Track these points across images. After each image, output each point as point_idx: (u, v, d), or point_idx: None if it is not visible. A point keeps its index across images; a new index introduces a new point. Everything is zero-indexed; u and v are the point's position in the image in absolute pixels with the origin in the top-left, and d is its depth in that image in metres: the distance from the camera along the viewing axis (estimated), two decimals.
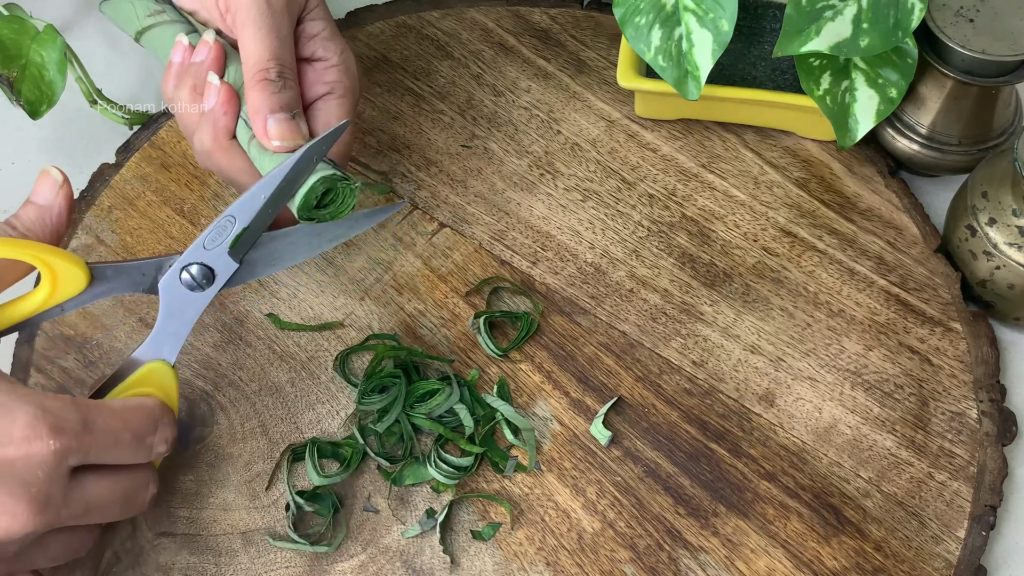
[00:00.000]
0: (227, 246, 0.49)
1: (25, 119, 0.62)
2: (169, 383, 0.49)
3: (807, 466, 0.54)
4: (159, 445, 0.47)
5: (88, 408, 0.44)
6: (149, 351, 0.49)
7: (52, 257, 0.46)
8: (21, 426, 0.41)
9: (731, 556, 0.51)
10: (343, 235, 0.53)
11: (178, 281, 0.49)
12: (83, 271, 0.47)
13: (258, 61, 0.51)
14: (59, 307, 0.47)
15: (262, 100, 0.50)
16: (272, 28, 0.51)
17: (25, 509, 0.41)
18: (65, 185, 0.48)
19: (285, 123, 0.50)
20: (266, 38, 0.51)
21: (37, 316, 0.47)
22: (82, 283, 0.47)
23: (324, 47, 0.55)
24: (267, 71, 0.51)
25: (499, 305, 0.59)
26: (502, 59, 0.69)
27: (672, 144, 0.65)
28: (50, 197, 0.48)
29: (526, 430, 0.54)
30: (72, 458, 0.42)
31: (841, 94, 0.58)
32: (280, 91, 0.51)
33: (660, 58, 0.57)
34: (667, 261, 0.60)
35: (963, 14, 0.57)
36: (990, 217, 0.56)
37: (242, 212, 0.49)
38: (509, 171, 0.64)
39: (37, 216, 0.48)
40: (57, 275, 0.46)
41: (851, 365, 0.57)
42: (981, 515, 0.52)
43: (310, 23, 0.54)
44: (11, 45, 0.60)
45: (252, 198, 0.49)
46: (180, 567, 0.51)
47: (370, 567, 0.51)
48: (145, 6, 0.58)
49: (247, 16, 0.51)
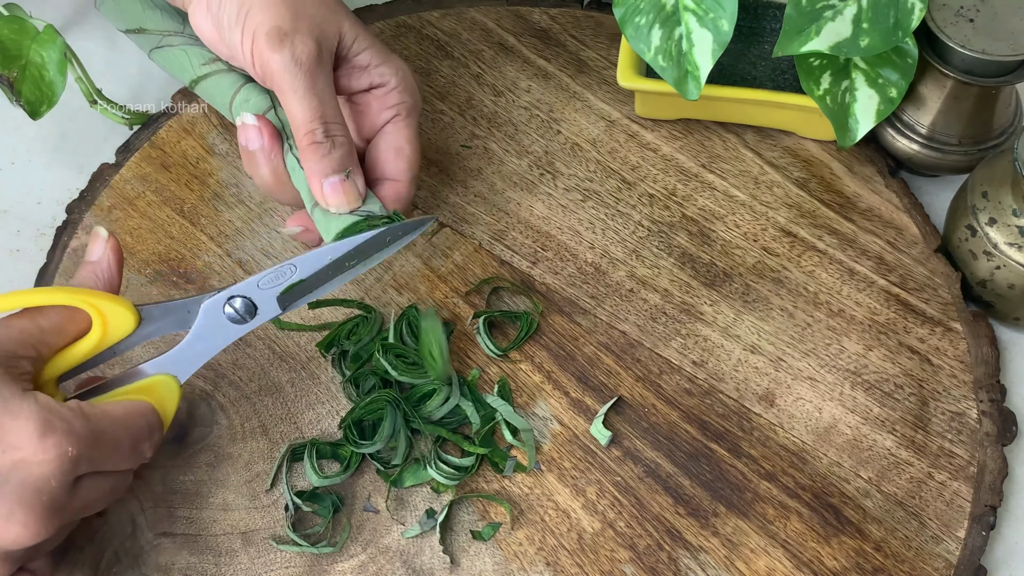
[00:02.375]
0: (279, 291, 0.50)
1: (25, 119, 0.62)
2: (171, 397, 0.49)
3: (807, 466, 0.54)
4: (148, 451, 0.47)
5: (92, 416, 0.44)
6: (162, 365, 0.49)
7: (100, 300, 0.47)
8: (33, 430, 0.41)
9: (731, 556, 0.51)
10: (372, 262, 0.53)
11: (221, 308, 0.50)
12: (131, 312, 0.48)
13: (302, 123, 0.52)
14: (111, 350, 0.48)
15: (314, 164, 0.52)
16: (308, 88, 0.52)
17: (37, 519, 0.41)
18: (112, 239, 0.50)
19: (340, 187, 0.52)
20: (304, 99, 0.52)
21: (91, 360, 0.48)
22: (131, 324, 0.48)
23: (380, 74, 0.55)
24: (314, 132, 0.52)
25: (499, 305, 0.59)
26: (502, 59, 0.69)
27: (672, 144, 0.65)
28: (99, 252, 0.50)
29: (524, 431, 0.54)
30: (83, 466, 0.43)
31: (841, 94, 0.58)
32: (330, 152, 0.52)
33: (660, 58, 0.57)
34: (667, 261, 0.60)
35: (963, 14, 0.57)
36: (990, 217, 0.56)
37: (305, 265, 0.50)
38: (509, 171, 0.64)
39: (90, 272, 0.49)
40: (107, 318, 0.47)
41: (851, 365, 0.57)
42: (981, 515, 0.52)
43: (356, 57, 0.55)
44: (11, 45, 0.60)
45: (319, 255, 0.51)
46: (180, 567, 0.51)
47: (370, 567, 0.51)
48: (200, 54, 0.58)
49: (282, 82, 0.52)
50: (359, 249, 0.51)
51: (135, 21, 0.60)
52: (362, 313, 0.57)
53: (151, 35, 0.60)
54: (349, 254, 0.51)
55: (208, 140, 0.65)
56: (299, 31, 0.52)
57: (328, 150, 0.52)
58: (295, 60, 0.51)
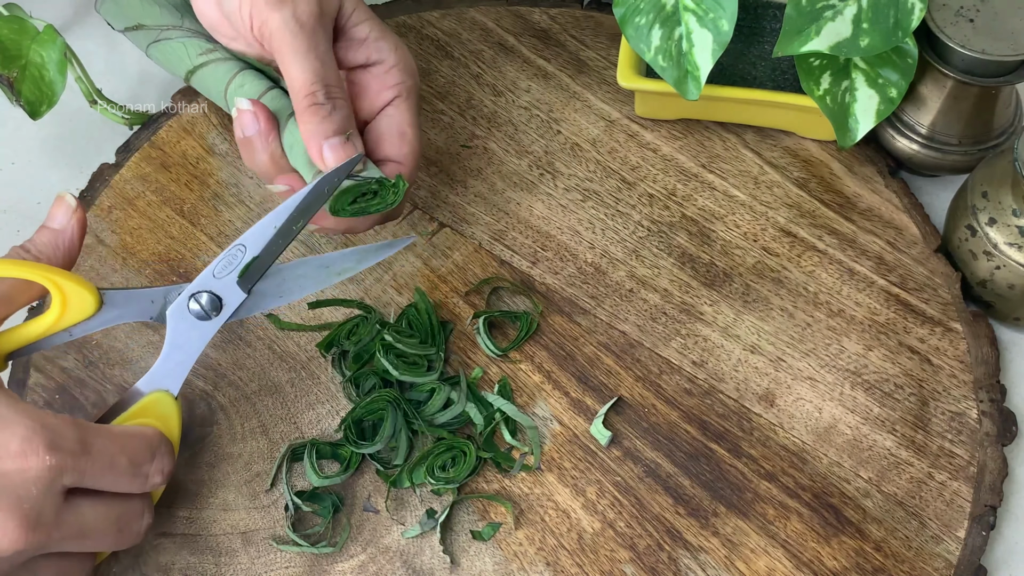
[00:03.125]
0: (236, 275, 0.49)
1: (25, 119, 0.62)
2: (171, 414, 0.48)
3: (807, 466, 0.54)
4: (155, 476, 0.46)
5: (86, 429, 0.43)
6: (152, 381, 0.48)
7: (63, 279, 0.46)
8: (18, 440, 0.41)
9: (731, 556, 0.51)
10: (351, 268, 0.53)
11: (186, 309, 0.49)
12: (93, 295, 0.47)
13: (303, 86, 0.50)
14: (67, 331, 0.47)
15: (315, 126, 0.50)
16: (310, 49, 0.50)
17: (16, 526, 0.40)
18: (79, 210, 0.48)
19: (340, 148, 0.51)
20: (304, 60, 0.50)
21: (44, 340, 0.47)
22: (91, 307, 0.47)
23: (377, 49, 0.54)
24: (314, 95, 0.50)
25: (499, 305, 0.59)
26: (502, 59, 0.69)
27: (672, 144, 0.65)
28: (64, 221, 0.48)
29: (530, 428, 0.54)
30: (67, 477, 0.42)
31: (841, 94, 0.58)
32: (331, 114, 0.50)
33: (660, 58, 0.57)
34: (667, 261, 0.60)
35: (963, 14, 0.57)
36: (990, 217, 0.56)
37: (253, 241, 0.49)
38: (509, 171, 0.64)
39: (50, 240, 0.48)
40: (67, 298, 0.46)
41: (851, 365, 0.57)
42: (981, 515, 0.52)
43: (354, 28, 0.53)
44: (11, 45, 0.60)
45: (263, 228, 0.49)
46: (180, 567, 0.51)
47: (370, 567, 0.51)
48: (197, 45, 0.58)
49: (282, 42, 0.50)
50: (300, 209, 0.49)
51: (134, 17, 0.60)
52: (362, 313, 0.57)
53: (149, 31, 0.60)
54: (292, 216, 0.49)
55: (208, 140, 0.65)
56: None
57: (329, 111, 0.50)
58: (296, 18, 0.50)
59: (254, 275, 0.50)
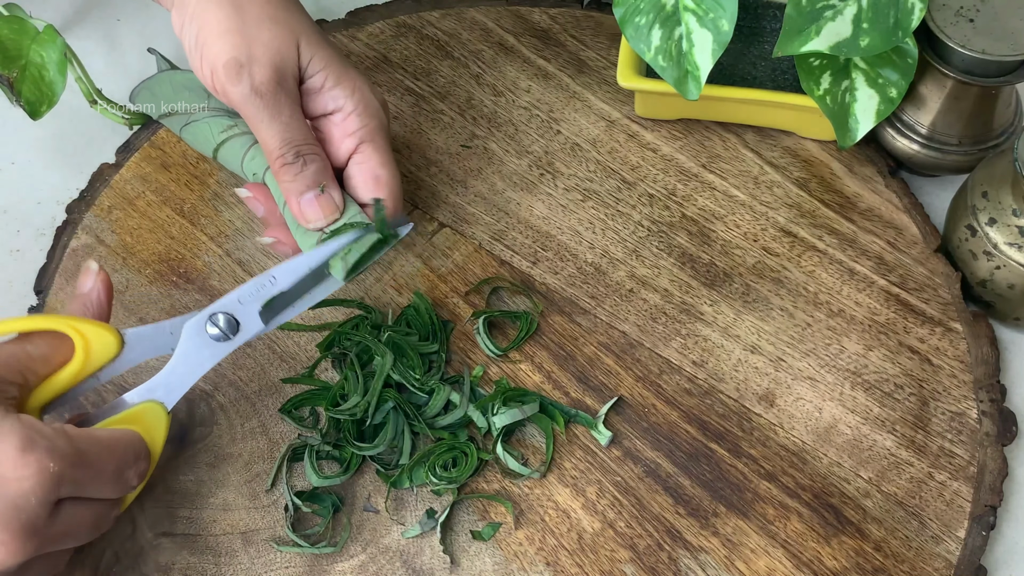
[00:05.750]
0: (260, 305, 0.50)
1: (25, 119, 0.62)
2: (158, 426, 0.48)
3: (807, 466, 0.54)
4: (133, 479, 0.46)
5: (79, 437, 0.43)
6: (147, 392, 0.48)
7: (81, 324, 0.47)
8: (15, 449, 0.41)
9: (731, 556, 0.51)
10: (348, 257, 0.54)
11: (204, 328, 0.49)
12: (114, 336, 0.48)
13: (272, 150, 0.53)
14: (95, 376, 0.48)
15: (289, 184, 0.53)
16: (274, 117, 0.52)
17: (14, 539, 0.40)
18: (102, 272, 0.50)
19: (315, 202, 0.53)
20: (270, 127, 0.53)
21: (75, 388, 0.47)
22: (114, 348, 0.48)
23: (333, 97, 0.54)
24: (284, 156, 0.53)
25: (499, 305, 0.59)
26: (502, 59, 0.69)
27: (672, 144, 0.65)
28: (88, 284, 0.50)
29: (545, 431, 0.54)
30: (65, 487, 0.42)
31: (841, 94, 0.58)
32: (302, 170, 0.53)
33: (660, 58, 0.57)
34: (667, 261, 0.60)
35: (963, 14, 0.57)
36: (990, 217, 0.56)
37: (284, 275, 0.50)
38: (509, 171, 0.64)
39: (80, 303, 0.49)
40: (89, 342, 0.47)
41: (851, 365, 0.57)
42: (981, 515, 0.52)
43: (310, 80, 0.54)
44: (11, 45, 0.60)
45: (297, 265, 0.51)
46: (180, 567, 0.51)
47: (370, 567, 0.51)
48: (220, 123, 0.59)
49: (246, 113, 0.53)
50: (333, 255, 0.52)
51: (169, 104, 0.61)
52: (362, 313, 0.57)
53: (180, 115, 0.61)
54: (327, 263, 0.51)
55: None
56: (255, 60, 0.52)
57: (300, 169, 0.52)
58: (254, 91, 0.52)
59: (277, 308, 0.51)
